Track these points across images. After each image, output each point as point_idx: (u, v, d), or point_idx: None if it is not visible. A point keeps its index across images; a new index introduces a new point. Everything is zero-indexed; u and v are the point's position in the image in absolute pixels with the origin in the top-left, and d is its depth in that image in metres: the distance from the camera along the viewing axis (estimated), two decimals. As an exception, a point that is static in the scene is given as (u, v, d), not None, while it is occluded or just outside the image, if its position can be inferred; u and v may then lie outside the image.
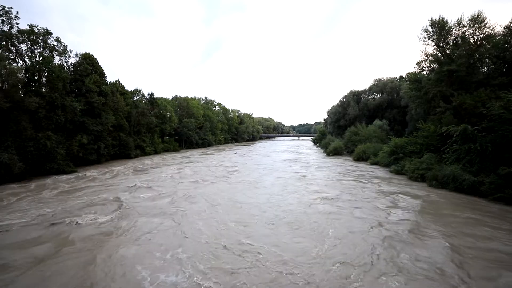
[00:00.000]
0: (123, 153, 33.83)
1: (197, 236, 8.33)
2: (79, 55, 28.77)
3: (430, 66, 20.99)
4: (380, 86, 42.02)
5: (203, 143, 59.65)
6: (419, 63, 21.55)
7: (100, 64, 30.72)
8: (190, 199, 12.82)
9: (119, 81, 37.64)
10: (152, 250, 7.35)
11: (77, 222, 9.38)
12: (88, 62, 29.25)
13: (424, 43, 20.64)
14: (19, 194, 14.23)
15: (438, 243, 7.79)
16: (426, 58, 20.86)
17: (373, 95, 43.36)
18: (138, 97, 42.45)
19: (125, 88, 38.73)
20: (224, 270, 6.48)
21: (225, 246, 7.60)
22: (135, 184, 16.08)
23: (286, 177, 18.96)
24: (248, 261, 6.82)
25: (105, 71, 31.19)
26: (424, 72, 21.93)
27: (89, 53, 29.72)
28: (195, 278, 6.11)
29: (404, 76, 40.78)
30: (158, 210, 11.00)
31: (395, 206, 11.71)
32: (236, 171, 21.26)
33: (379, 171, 21.35)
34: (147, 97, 44.17)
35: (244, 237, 8.13)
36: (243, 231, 8.74)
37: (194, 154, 42.51)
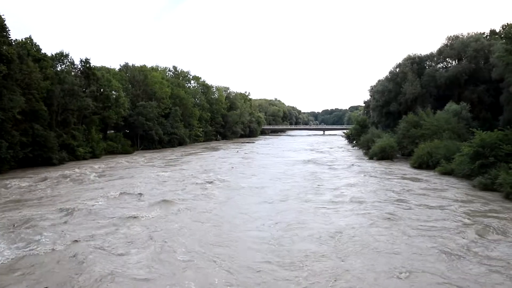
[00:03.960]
0: (40, 156, 33.63)
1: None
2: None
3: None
4: (456, 47, 41.58)
5: (170, 141, 59.54)
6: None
7: (-1, 11, 30.07)
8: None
9: (31, 40, 37.28)
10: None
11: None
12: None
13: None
14: None
15: None
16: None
17: (444, 63, 42.53)
18: (64, 67, 41.86)
19: (43, 52, 38.33)
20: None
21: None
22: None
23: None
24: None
25: (6, 23, 30.56)
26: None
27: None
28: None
29: (498, 31, 40.55)
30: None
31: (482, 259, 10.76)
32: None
33: (454, 186, 20.88)
34: (79, 67, 43.68)
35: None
36: None
37: (172, 159, 41.56)
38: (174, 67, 79.61)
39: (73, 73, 42.40)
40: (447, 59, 42.67)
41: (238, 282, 9.19)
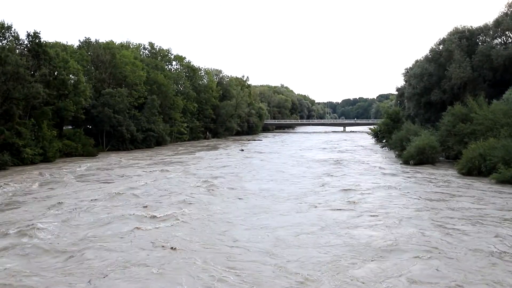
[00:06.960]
0: (-26, 159, 34.41)
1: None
2: None
3: None
4: (520, 16, 41.43)
5: (146, 139, 60.35)
6: None
7: None
8: None
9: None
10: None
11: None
12: None
13: None
14: None
15: None
16: None
17: (503, 37, 42.60)
18: (6, 42, 41.64)
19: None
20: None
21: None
22: None
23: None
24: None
25: None
26: None
27: None
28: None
29: None
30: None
31: None
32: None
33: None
34: (26, 42, 43.87)
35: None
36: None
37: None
38: (151, 44, 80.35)
39: (17, 51, 42.27)
40: (507, 32, 42.17)
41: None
